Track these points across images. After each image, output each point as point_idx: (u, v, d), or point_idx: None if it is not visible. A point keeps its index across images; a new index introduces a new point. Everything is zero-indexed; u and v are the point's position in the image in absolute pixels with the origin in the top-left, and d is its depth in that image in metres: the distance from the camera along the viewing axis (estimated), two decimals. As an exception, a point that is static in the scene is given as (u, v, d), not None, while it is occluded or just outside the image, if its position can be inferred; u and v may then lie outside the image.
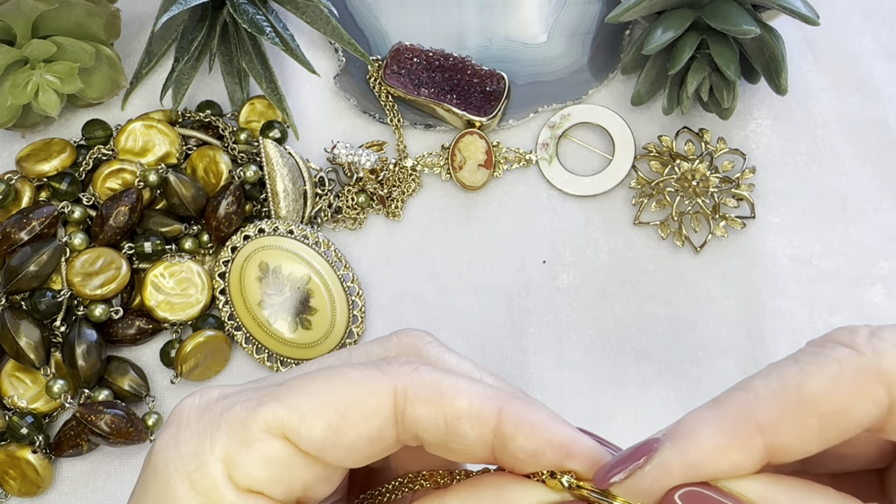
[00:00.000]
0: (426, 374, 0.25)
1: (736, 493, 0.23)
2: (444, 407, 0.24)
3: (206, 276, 0.46)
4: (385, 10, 0.51)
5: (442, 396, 0.25)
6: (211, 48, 0.48)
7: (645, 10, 0.45)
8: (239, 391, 0.26)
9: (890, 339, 0.23)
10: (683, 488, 0.23)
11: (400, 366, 0.25)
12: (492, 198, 0.49)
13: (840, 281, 0.47)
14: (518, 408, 0.24)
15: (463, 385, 0.25)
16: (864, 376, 0.22)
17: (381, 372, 0.25)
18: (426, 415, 0.25)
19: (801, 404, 0.22)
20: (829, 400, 0.22)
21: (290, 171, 0.47)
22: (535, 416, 0.24)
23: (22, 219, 0.44)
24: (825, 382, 0.22)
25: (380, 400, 0.25)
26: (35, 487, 0.43)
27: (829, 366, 0.23)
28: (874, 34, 0.51)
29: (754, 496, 0.23)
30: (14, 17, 0.44)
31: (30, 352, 0.43)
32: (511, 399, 0.25)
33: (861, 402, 0.22)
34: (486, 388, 0.25)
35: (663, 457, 0.23)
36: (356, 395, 0.25)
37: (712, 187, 0.47)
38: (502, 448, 0.24)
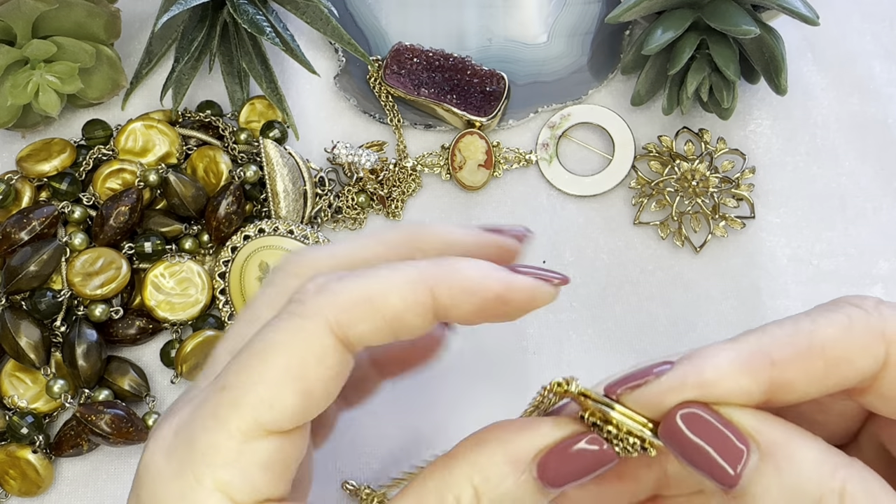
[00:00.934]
0: (346, 292, 0.25)
1: (735, 420, 0.24)
2: (380, 313, 0.25)
3: (206, 276, 0.46)
4: (385, 10, 0.51)
5: (373, 303, 0.25)
6: (211, 48, 0.48)
7: (645, 10, 0.45)
8: (190, 417, 0.25)
9: (893, 309, 0.25)
10: (688, 407, 0.24)
11: (321, 298, 0.25)
12: (492, 198, 0.49)
13: (840, 281, 0.47)
14: (447, 277, 0.26)
15: (386, 279, 0.26)
16: (870, 332, 0.25)
17: (302, 317, 0.25)
18: (369, 329, 0.25)
19: (811, 346, 0.24)
20: (836, 347, 0.24)
21: (290, 171, 0.47)
22: (464, 277, 0.26)
23: (22, 219, 0.44)
24: (835, 331, 0.25)
25: (321, 342, 0.25)
26: (35, 487, 0.43)
27: (840, 319, 0.25)
28: (874, 34, 0.51)
29: (750, 427, 0.24)
30: (14, 17, 0.44)
31: (30, 352, 0.43)
32: (438, 269, 0.26)
33: (863, 353, 0.24)
34: (410, 271, 0.26)
35: (680, 371, 0.25)
36: (296, 348, 0.25)
37: (712, 187, 0.47)
38: (446, 316, 0.26)
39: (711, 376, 0.24)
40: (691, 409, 0.24)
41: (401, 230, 0.29)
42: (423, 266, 0.26)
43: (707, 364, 0.25)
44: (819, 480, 0.23)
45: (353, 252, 0.29)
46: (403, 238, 0.29)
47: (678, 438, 0.25)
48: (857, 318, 0.25)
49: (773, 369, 0.24)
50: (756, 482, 0.24)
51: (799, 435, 0.24)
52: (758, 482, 0.24)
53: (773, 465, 0.24)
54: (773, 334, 0.25)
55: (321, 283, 0.26)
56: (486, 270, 0.27)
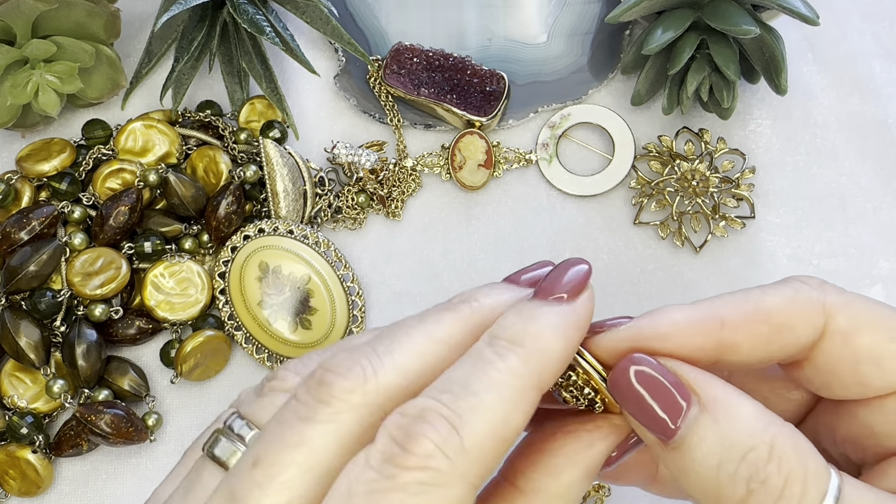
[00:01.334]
0: (477, 441, 0.23)
1: (680, 373, 0.26)
2: (508, 444, 0.25)
3: (206, 276, 0.46)
4: (385, 10, 0.51)
5: (505, 440, 0.24)
6: (211, 48, 0.48)
7: (645, 10, 0.45)
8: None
9: (836, 289, 0.28)
10: (636, 360, 0.26)
11: (459, 458, 0.23)
12: (492, 198, 0.49)
13: (840, 281, 0.46)
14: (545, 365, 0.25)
15: (499, 403, 0.24)
16: (811, 303, 0.27)
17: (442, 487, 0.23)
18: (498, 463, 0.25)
19: (757, 311, 0.27)
20: (780, 314, 0.27)
21: (290, 171, 0.47)
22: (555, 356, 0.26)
23: (22, 219, 0.44)
24: (780, 300, 0.27)
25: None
26: (35, 487, 0.43)
27: (786, 291, 0.27)
28: (874, 34, 0.51)
29: (692, 381, 0.26)
30: (14, 17, 0.44)
31: (30, 352, 0.43)
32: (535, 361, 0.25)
33: (804, 322, 0.27)
34: (515, 381, 0.25)
35: (636, 323, 0.27)
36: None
37: (712, 187, 0.47)
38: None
39: (665, 330, 0.26)
40: (638, 358, 0.26)
41: (449, 317, 0.27)
42: (520, 369, 0.24)
43: (663, 319, 0.27)
44: (752, 433, 0.25)
45: (419, 367, 0.25)
46: (462, 329, 0.26)
47: (624, 387, 0.26)
48: (801, 291, 0.27)
49: (723, 330, 0.26)
50: (693, 432, 0.25)
51: (737, 393, 0.26)
52: (695, 432, 0.25)
53: (711, 417, 0.25)
54: (726, 300, 0.27)
55: (444, 434, 0.23)
56: (562, 330, 0.26)
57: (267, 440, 0.24)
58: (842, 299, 0.27)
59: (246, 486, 0.23)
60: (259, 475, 0.23)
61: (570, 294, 0.26)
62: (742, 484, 0.24)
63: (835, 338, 0.27)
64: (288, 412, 0.24)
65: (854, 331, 0.27)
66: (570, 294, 0.26)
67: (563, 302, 0.26)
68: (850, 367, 0.27)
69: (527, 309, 0.26)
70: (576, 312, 0.26)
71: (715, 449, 0.25)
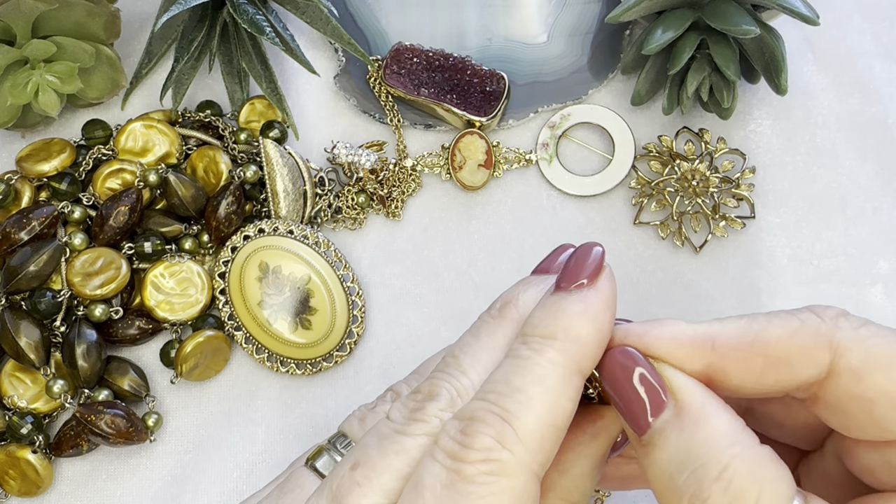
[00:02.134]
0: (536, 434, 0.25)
1: (665, 374, 0.26)
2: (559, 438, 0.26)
3: (206, 276, 0.46)
4: (385, 10, 0.51)
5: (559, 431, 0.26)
6: (211, 48, 0.48)
7: (645, 10, 0.45)
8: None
9: (853, 323, 0.26)
10: (632, 348, 0.27)
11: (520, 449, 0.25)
12: (492, 198, 0.49)
13: (840, 281, 0.47)
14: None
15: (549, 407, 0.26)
16: (817, 338, 0.26)
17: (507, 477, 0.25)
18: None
19: (755, 343, 0.26)
20: (778, 347, 0.26)
21: (290, 171, 0.47)
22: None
23: (22, 219, 0.44)
24: (782, 333, 0.26)
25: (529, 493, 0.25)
26: (35, 487, 0.43)
27: (792, 322, 0.26)
28: (874, 34, 0.51)
29: (674, 384, 0.26)
30: (14, 17, 0.44)
31: (30, 352, 0.43)
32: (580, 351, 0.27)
33: (806, 358, 0.26)
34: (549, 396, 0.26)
35: (633, 326, 0.28)
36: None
37: (712, 187, 0.47)
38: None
39: (653, 339, 0.27)
40: (629, 351, 0.27)
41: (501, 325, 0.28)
42: (559, 360, 0.26)
43: (658, 329, 0.27)
44: (712, 448, 0.25)
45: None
46: (515, 331, 0.28)
47: (609, 374, 0.27)
48: (808, 323, 0.26)
49: (713, 354, 0.26)
50: (662, 435, 0.25)
51: (716, 405, 0.26)
52: (664, 435, 0.25)
53: (680, 424, 0.25)
54: (727, 325, 0.27)
55: (498, 429, 0.25)
56: (592, 316, 0.27)
57: (367, 446, 0.26)
58: (856, 335, 0.26)
59: (346, 484, 0.26)
60: (359, 475, 0.26)
61: (590, 279, 0.27)
62: (685, 497, 0.24)
63: (845, 376, 0.25)
64: (385, 427, 0.27)
65: (868, 370, 0.25)
66: (590, 279, 0.27)
67: (585, 288, 0.27)
68: (864, 408, 0.25)
69: (550, 303, 0.27)
70: (599, 293, 0.27)
71: (674, 455, 0.25)
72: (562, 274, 0.28)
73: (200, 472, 0.44)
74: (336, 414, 0.45)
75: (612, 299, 0.28)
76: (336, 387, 0.46)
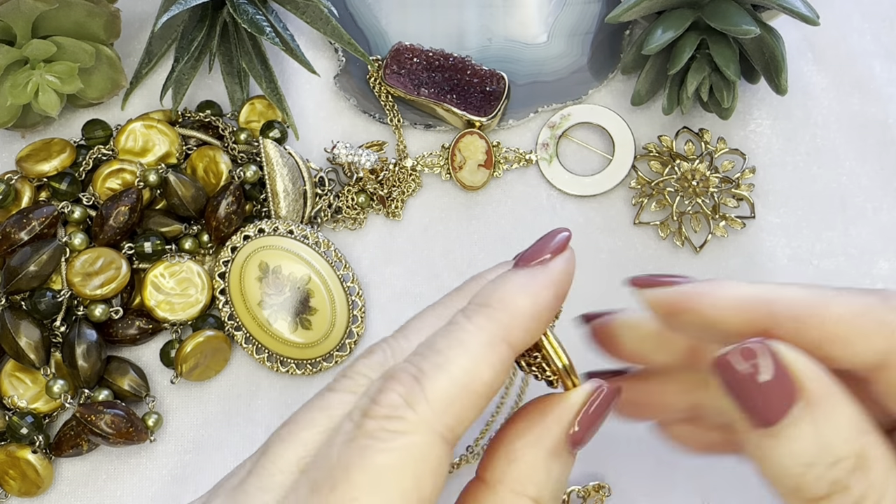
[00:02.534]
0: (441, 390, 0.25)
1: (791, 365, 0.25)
2: (480, 396, 0.26)
3: (206, 276, 0.46)
4: (385, 10, 0.51)
5: (471, 390, 0.26)
6: (211, 48, 0.48)
7: (645, 10, 0.45)
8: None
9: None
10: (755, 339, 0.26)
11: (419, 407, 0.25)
12: (492, 198, 0.49)
13: (840, 281, 0.47)
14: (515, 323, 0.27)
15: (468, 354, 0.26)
16: (880, 325, 0.26)
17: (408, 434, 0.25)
18: (473, 416, 0.26)
19: (813, 316, 0.26)
20: (838, 326, 0.26)
21: (290, 171, 0.47)
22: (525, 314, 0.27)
23: (22, 219, 0.44)
24: (844, 312, 0.26)
25: (435, 453, 0.25)
26: (35, 487, 0.43)
27: (856, 303, 0.26)
28: (874, 34, 0.51)
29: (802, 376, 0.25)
30: (14, 17, 0.44)
31: (30, 352, 0.43)
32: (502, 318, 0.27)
33: (863, 343, 0.26)
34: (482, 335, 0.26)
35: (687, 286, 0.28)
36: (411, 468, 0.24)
37: (712, 187, 0.47)
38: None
39: (713, 301, 0.27)
40: (752, 345, 0.26)
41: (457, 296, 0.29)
42: (486, 325, 0.26)
43: (718, 290, 0.27)
44: (847, 440, 0.25)
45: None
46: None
47: (731, 373, 0.26)
48: (874, 311, 0.26)
49: (769, 319, 0.26)
50: (792, 427, 0.25)
51: (840, 393, 0.25)
52: (794, 428, 0.25)
53: (812, 417, 0.25)
54: (788, 291, 0.27)
55: (408, 386, 0.25)
56: (532, 289, 0.27)
57: (299, 409, 0.28)
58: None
59: (273, 440, 0.27)
60: (284, 431, 0.27)
61: (550, 258, 0.28)
62: (824, 486, 0.25)
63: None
64: (322, 390, 0.28)
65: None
66: (550, 258, 0.28)
67: (536, 265, 0.27)
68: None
69: (502, 276, 0.28)
70: (547, 271, 0.27)
71: (809, 448, 0.25)
72: (522, 253, 0.28)
73: (200, 472, 0.44)
74: (336, 414, 0.45)
75: (560, 279, 0.28)
76: (336, 387, 0.46)
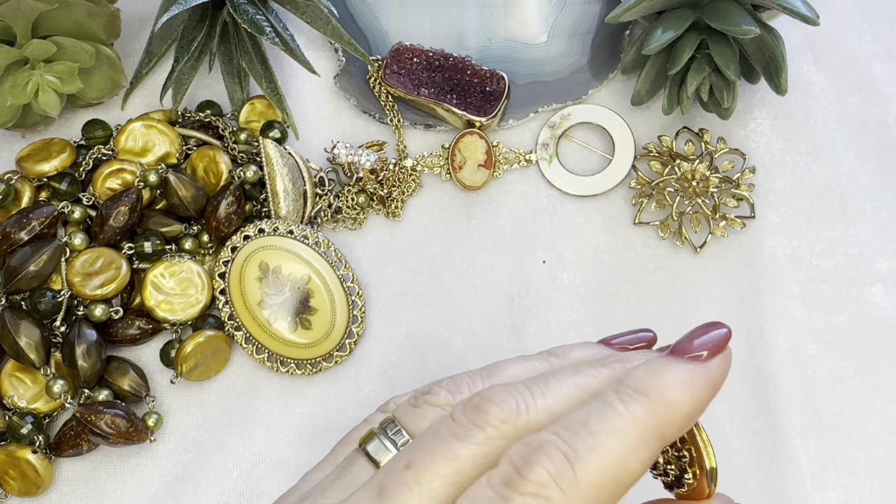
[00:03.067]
0: (592, 477, 0.25)
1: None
2: (625, 488, 0.26)
3: (206, 276, 0.46)
4: (385, 10, 0.51)
5: (621, 484, 0.25)
6: (211, 48, 0.48)
7: (645, 10, 0.45)
8: None
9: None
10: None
11: (570, 490, 0.25)
12: (492, 198, 0.49)
13: (840, 280, 0.47)
14: (668, 417, 0.26)
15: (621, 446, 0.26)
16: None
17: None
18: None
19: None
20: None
21: (290, 171, 0.47)
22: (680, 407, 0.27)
23: (22, 219, 0.44)
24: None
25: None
26: (35, 487, 0.43)
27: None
28: (874, 34, 0.51)
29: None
30: (14, 17, 0.44)
31: (30, 352, 0.43)
32: (657, 412, 0.26)
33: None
34: (636, 428, 0.26)
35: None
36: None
37: (712, 187, 0.47)
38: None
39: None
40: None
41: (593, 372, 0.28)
42: (643, 418, 0.26)
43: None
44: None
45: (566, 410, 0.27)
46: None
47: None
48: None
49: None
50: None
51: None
52: None
53: None
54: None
55: (559, 466, 0.24)
56: (691, 387, 0.26)
57: (422, 448, 0.26)
58: None
59: (396, 483, 0.26)
60: (410, 477, 0.26)
61: (708, 354, 0.27)
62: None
63: None
64: (444, 428, 0.27)
65: None
66: (708, 354, 0.27)
67: (698, 361, 0.27)
68: None
69: (657, 363, 0.27)
70: (708, 370, 0.26)
71: None
72: (681, 340, 0.28)
73: (200, 472, 0.44)
74: (336, 414, 0.45)
75: (718, 380, 0.27)
76: (336, 387, 0.46)
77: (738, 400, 0.45)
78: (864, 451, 0.44)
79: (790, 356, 0.45)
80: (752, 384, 0.45)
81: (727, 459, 0.44)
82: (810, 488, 0.43)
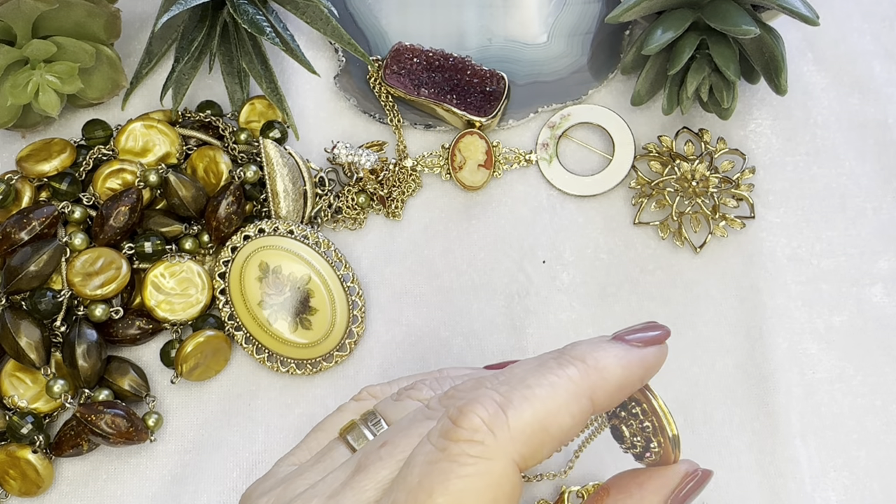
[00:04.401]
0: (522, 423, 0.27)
1: None
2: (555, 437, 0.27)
3: (206, 276, 0.46)
4: (385, 10, 0.51)
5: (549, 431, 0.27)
6: (211, 48, 0.48)
7: (645, 10, 0.45)
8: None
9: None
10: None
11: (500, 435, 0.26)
12: (492, 198, 0.49)
13: (840, 280, 0.47)
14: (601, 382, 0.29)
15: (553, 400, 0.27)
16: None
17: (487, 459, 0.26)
18: (547, 453, 0.27)
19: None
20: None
21: (290, 171, 0.47)
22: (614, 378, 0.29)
23: (22, 219, 0.44)
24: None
25: (510, 480, 0.26)
26: (35, 487, 0.43)
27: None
28: (874, 34, 0.51)
29: None
30: (14, 17, 0.44)
31: (30, 352, 0.43)
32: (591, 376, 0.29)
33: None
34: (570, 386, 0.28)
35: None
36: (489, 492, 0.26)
37: (712, 187, 0.47)
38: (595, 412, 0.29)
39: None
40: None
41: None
42: (576, 377, 0.27)
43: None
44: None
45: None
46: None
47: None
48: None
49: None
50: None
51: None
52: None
53: None
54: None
55: (492, 413, 0.26)
56: (625, 361, 0.28)
57: (396, 428, 0.29)
58: None
59: (371, 459, 0.28)
60: (384, 452, 0.28)
61: (644, 345, 0.29)
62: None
63: None
64: (420, 414, 0.29)
65: None
66: (644, 345, 0.29)
67: (634, 346, 0.29)
68: None
69: (597, 339, 0.29)
70: (642, 354, 0.29)
71: None
72: (621, 330, 0.30)
73: (200, 472, 0.44)
74: (336, 414, 0.45)
75: (650, 364, 0.29)
76: (336, 387, 0.46)
77: (738, 400, 0.45)
78: (864, 451, 0.44)
79: (790, 356, 0.45)
80: (752, 384, 0.45)
81: (727, 460, 0.44)
82: (810, 488, 0.43)
